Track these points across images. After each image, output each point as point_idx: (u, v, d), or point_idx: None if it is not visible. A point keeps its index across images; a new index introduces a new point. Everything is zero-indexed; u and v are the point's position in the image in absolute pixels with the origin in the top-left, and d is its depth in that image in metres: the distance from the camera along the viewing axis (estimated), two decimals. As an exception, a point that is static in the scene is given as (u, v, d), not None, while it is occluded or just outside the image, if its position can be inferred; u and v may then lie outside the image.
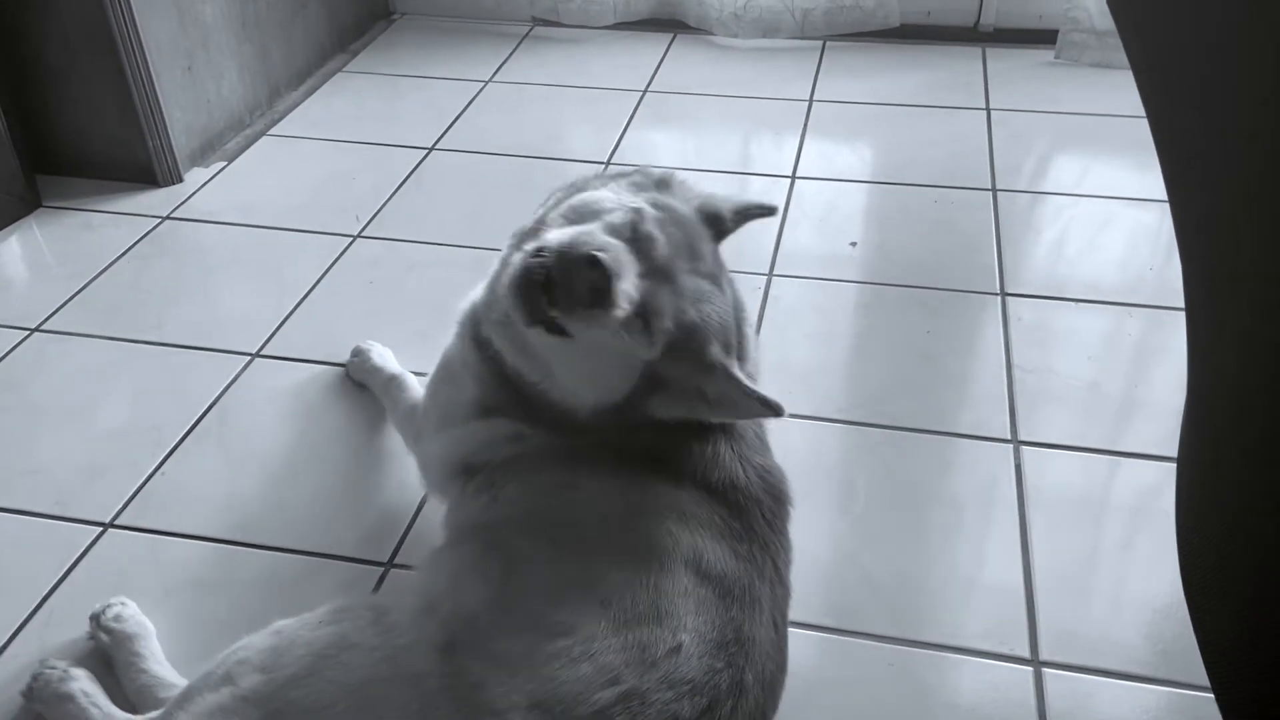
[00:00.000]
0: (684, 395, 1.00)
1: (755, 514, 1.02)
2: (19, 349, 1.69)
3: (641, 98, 2.45)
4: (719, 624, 0.92)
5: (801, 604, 1.22)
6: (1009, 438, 1.48)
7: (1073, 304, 1.75)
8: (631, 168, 1.21)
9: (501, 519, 1.05)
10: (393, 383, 1.53)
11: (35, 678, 1.15)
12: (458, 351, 1.15)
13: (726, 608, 0.94)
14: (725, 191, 1.13)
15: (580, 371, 1.01)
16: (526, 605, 0.91)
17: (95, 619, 1.21)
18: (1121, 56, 2.44)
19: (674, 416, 1.02)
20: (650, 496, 1.00)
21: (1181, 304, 1.89)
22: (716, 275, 1.02)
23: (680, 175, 1.13)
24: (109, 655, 1.19)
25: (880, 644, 1.20)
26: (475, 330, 1.10)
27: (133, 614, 1.21)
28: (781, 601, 1.01)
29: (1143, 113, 0.79)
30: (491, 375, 1.08)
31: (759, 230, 1.97)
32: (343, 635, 0.91)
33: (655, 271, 0.95)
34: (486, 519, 1.07)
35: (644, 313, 0.93)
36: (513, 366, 1.05)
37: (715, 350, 0.98)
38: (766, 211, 1.15)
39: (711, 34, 2.73)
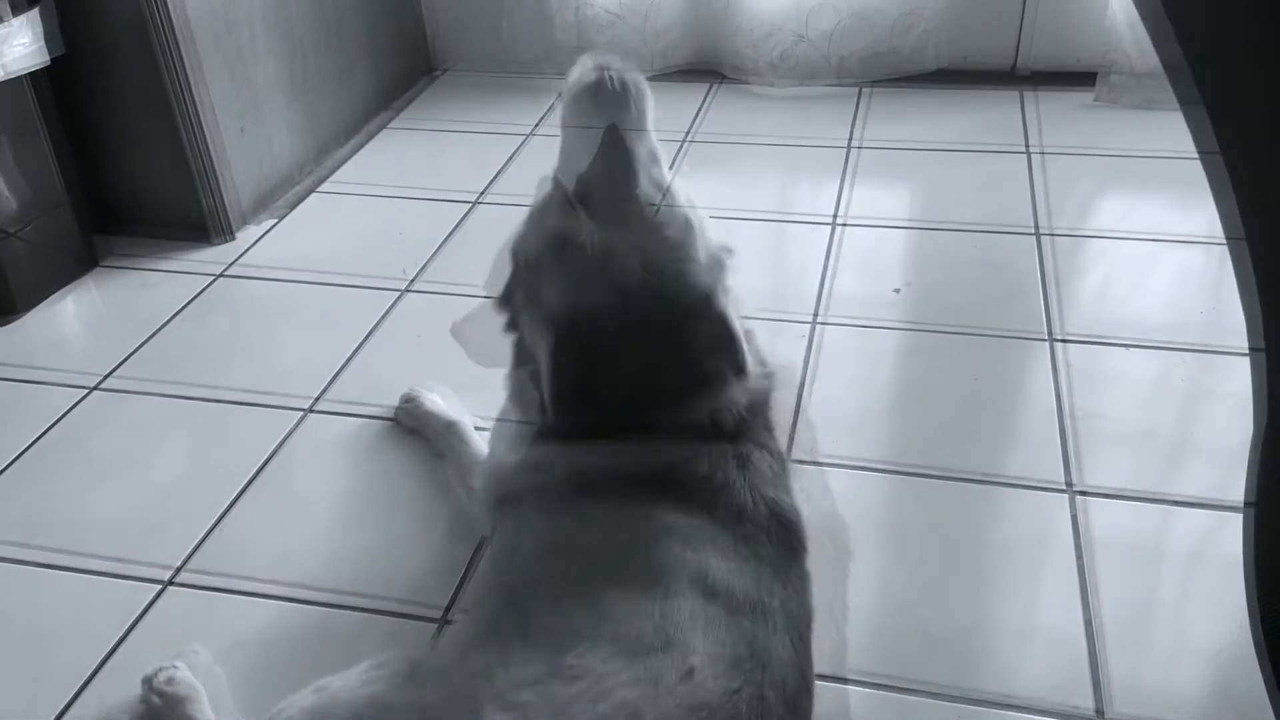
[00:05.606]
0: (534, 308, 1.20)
1: (761, 540, 1.05)
2: (79, 407, 1.72)
3: (682, 145, 2.48)
4: (729, 641, 0.94)
5: (858, 658, 1.21)
6: (1064, 486, 1.46)
7: (1122, 348, 1.74)
8: None
9: (524, 550, 1.11)
10: (450, 430, 1.55)
11: None
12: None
13: (737, 622, 0.96)
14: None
15: None
16: (543, 655, 0.94)
17: (147, 682, 1.22)
18: (1162, 98, 2.45)
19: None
20: (658, 523, 1.05)
21: (1233, 346, 1.84)
22: None
23: None
24: (161, 719, 1.19)
25: (941, 701, 1.18)
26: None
27: (184, 677, 1.22)
28: (798, 621, 1.02)
29: (1185, 152, 0.79)
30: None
31: (803, 277, 1.99)
32: (378, 695, 0.95)
33: None
34: (516, 544, 1.14)
35: None
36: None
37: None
38: None
39: (749, 82, 2.76)
